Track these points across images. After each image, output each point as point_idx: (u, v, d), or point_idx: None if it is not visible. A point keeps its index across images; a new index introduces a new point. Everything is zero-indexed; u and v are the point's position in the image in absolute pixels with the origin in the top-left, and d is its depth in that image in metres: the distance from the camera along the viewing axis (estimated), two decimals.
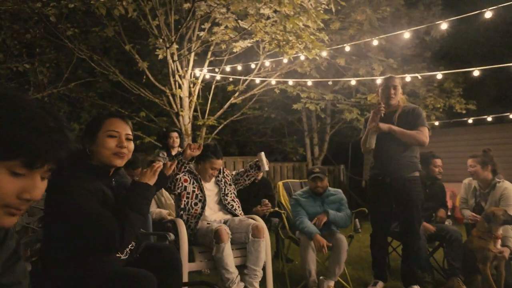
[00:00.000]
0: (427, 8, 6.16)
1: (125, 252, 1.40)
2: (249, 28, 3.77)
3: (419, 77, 3.67)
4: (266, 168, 2.50)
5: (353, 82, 4.31)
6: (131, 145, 1.42)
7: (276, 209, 2.89)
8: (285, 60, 4.31)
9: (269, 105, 7.15)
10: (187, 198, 2.38)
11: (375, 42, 3.36)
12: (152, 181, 1.44)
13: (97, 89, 6.22)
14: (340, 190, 2.93)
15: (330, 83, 4.44)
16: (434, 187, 2.99)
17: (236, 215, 2.46)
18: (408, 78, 4.03)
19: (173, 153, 3.77)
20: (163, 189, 3.19)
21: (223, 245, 2.09)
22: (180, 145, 3.87)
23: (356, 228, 2.75)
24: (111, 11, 5.09)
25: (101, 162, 1.35)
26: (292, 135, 8.67)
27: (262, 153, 2.54)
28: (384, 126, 2.42)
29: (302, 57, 3.99)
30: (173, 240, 1.93)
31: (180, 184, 2.38)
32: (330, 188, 2.91)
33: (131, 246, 1.43)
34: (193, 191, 2.39)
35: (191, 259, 2.15)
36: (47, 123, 0.63)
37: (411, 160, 2.47)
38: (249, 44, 3.86)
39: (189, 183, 2.41)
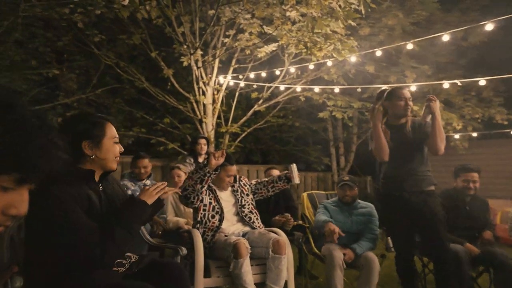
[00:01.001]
0: (464, 13, 5.79)
1: (123, 265, 1.29)
2: (274, 33, 3.66)
3: (459, 84, 3.38)
4: (297, 181, 2.34)
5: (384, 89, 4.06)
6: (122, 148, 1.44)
7: (300, 222, 2.70)
8: (311, 66, 4.15)
9: (293, 113, 6.99)
10: (204, 210, 2.25)
11: (410, 46, 3.12)
12: (151, 200, 1.37)
13: (124, 95, 6.34)
14: (372, 205, 2.71)
15: (359, 89, 4.21)
16: (475, 204, 2.68)
17: (254, 228, 2.30)
18: (446, 84, 3.73)
19: (200, 160, 3.71)
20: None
21: (242, 261, 1.94)
22: (207, 153, 3.81)
23: (389, 247, 2.49)
24: (136, 18, 5.22)
25: (102, 166, 1.35)
26: (317, 144, 8.43)
27: (294, 165, 2.38)
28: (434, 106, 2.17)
29: (329, 63, 3.81)
30: (185, 254, 1.79)
31: (199, 197, 2.26)
32: (360, 201, 2.70)
33: (132, 259, 1.33)
34: (210, 203, 2.27)
35: (206, 274, 2.00)
36: (43, 138, 0.62)
37: (425, 174, 2.29)
38: (274, 49, 3.74)
39: (206, 195, 2.29)
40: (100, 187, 1.36)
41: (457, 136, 6.10)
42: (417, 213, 2.21)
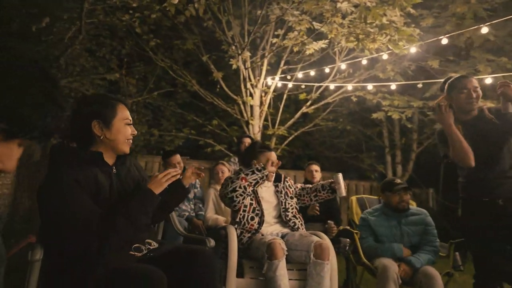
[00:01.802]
0: None
1: (141, 251, 1.23)
2: (323, 29, 3.47)
3: None
4: (343, 193, 2.09)
5: (446, 78, 3.55)
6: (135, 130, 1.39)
7: (347, 227, 2.43)
8: (364, 61, 3.83)
9: (344, 116, 6.61)
10: (244, 211, 2.11)
11: (484, 30, 2.64)
12: (159, 189, 1.29)
13: (177, 99, 6.66)
14: (425, 211, 2.33)
15: (419, 85, 3.75)
16: None
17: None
18: None
19: None
20: None
21: (277, 263, 1.76)
22: None
23: (457, 265, 2.09)
24: (190, 25, 5.45)
25: (112, 148, 1.29)
26: (371, 151, 7.85)
27: (340, 175, 2.14)
28: None
29: (385, 56, 3.47)
30: (213, 246, 1.68)
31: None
32: (411, 206, 2.35)
33: (152, 246, 1.25)
34: (251, 204, 2.12)
35: (240, 274, 1.87)
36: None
37: None
38: (323, 45, 3.54)
39: (248, 195, 2.15)
40: (114, 170, 1.30)
41: None
42: None
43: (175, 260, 1.22)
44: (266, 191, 2.21)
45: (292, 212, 2.18)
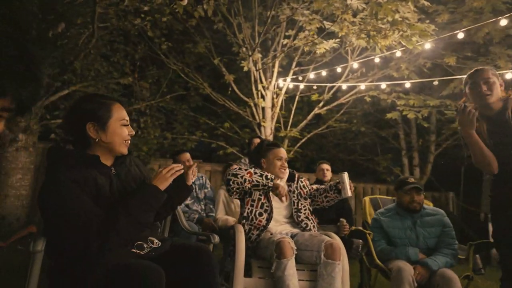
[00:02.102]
0: None
1: (143, 249, 1.21)
2: (335, 29, 3.42)
3: None
4: (349, 193, 1.99)
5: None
6: (133, 131, 1.33)
7: (360, 228, 2.34)
8: (377, 59, 3.74)
9: (358, 118, 6.48)
10: (251, 206, 2.07)
11: (503, 22, 2.52)
12: (164, 184, 1.25)
13: (190, 103, 6.72)
14: (441, 211, 2.21)
15: (435, 83, 3.61)
16: None
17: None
18: None
19: None
20: None
21: (285, 262, 1.71)
22: None
23: (478, 268, 1.97)
24: (202, 28, 5.50)
25: (110, 150, 1.25)
26: (386, 153, 7.65)
27: (345, 174, 2.04)
28: None
29: (398, 53, 3.38)
30: (217, 242, 1.65)
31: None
32: (426, 206, 2.23)
33: (155, 245, 1.23)
34: (259, 199, 2.08)
35: (248, 273, 1.82)
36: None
37: None
38: (334, 45, 3.48)
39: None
40: (113, 171, 1.26)
41: None
42: None
43: (174, 259, 1.20)
44: (282, 178, 2.16)
45: (304, 213, 2.12)
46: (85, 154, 1.21)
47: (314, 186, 2.30)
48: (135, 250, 1.19)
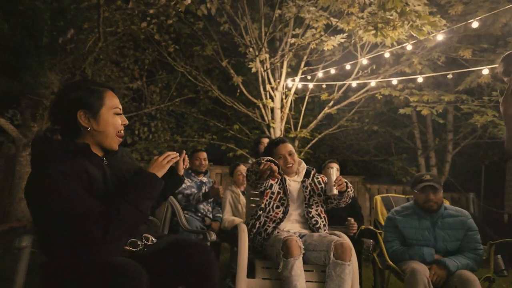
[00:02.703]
0: None
1: (137, 246, 1.15)
2: (342, 25, 3.33)
3: None
4: (333, 191, 1.83)
5: (485, 71, 3.21)
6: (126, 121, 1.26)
7: (370, 227, 2.22)
8: (387, 54, 3.62)
9: (371, 117, 6.32)
10: (270, 198, 2.01)
11: None
12: (161, 172, 1.20)
13: (200, 106, 6.75)
14: (466, 212, 2.06)
15: (450, 76, 3.44)
16: None
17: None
18: None
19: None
20: (241, 195, 2.97)
21: (293, 261, 1.63)
22: None
23: (500, 269, 1.82)
24: (210, 32, 5.52)
25: (101, 142, 1.18)
26: (401, 153, 7.42)
27: (333, 170, 1.87)
28: None
29: (409, 47, 3.25)
30: (214, 239, 1.58)
31: (267, 182, 2.02)
32: (447, 205, 2.09)
33: (149, 242, 1.17)
34: (279, 193, 2.01)
35: (251, 274, 1.75)
36: None
37: None
38: (342, 40, 3.39)
39: (276, 183, 2.05)
40: (105, 161, 1.20)
41: None
42: None
43: (171, 254, 1.13)
44: (293, 186, 2.08)
45: (316, 210, 2.03)
46: (74, 143, 1.15)
47: None
48: (128, 247, 1.14)
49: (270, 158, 1.96)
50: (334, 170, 1.88)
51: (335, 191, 1.85)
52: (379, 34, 2.76)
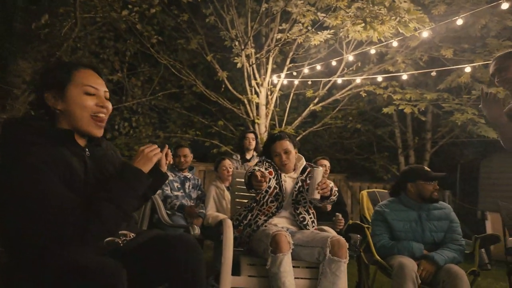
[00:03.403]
0: None
1: (115, 244, 1.06)
2: (329, 21, 3.31)
3: None
4: (314, 195, 1.70)
5: (467, 69, 3.29)
6: (110, 106, 1.10)
7: (357, 222, 2.20)
8: (373, 51, 3.64)
9: (354, 115, 6.40)
10: (266, 192, 1.95)
11: (505, 6, 2.41)
12: (147, 166, 1.09)
13: (184, 102, 6.60)
14: (449, 205, 2.09)
15: (433, 73, 3.50)
16: None
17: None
18: None
19: (248, 156, 3.49)
20: (225, 191, 2.89)
21: (281, 257, 1.57)
22: (256, 150, 3.58)
23: (483, 263, 1.85)
24: (195, 25, 5.38)
25: (75, 127, 1.05)
26: (382, 151, 7.57)
27: (318, 170, 1.72)
28: None
29: (395, 43, 3.28)
30: (198, 234, 1.51)
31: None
32: None
33: (128, 238, 1.08)
34: (275, 188, 1.96)
35: (237, 271, 1.68)
36: None
37: None
38: (329, 36, 3.37)
39: (273, 177, 1.98)
40: (87, 152, 1.08)
41: None
42: None
43: (153, 249, 1.03)
44: (288, 182, 2.03)
45: (304, 207, 1.98)
46: (55, 128, 1.03)
47: None
48: (105, 246, 1.03)
49: (260, 163, 1.87)
50: (320, 171, 1.75)
51: (317, 195, 1.72)
52: (368, 27, 2.75)
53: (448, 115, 4.45)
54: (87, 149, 1.09)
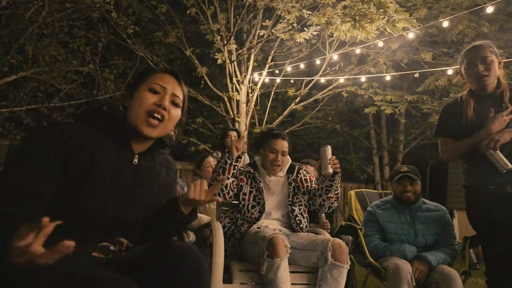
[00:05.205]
0: None
1: (109, 252, 0.90)
2: (315, 19, 3.26)
3: None
4: (328, 169, 1.73)
5: (449, 71, 3.40)
6: (176, 112, 1.01)
7: (350, 223, 2.15)
8: (358, 51, 3.64)
9: (333, 116, 6.47)
10: (243, 200, 1.85)
11: (490, 10, 2.48)
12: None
13: None
14: (443, 207, 2.08)
15: (416, 75, 3.58)
16: None
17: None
18: None
19: None
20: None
21: (279, 261, 1.46)
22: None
23: (473, 263, 1.85)
24: (173, 18, 5.15)
25: (131, 125, 0.96)
26: (358, 152, 7.73)
27: (327, 148, 1.78)
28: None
29: (381, 44, 3.29)
30: (193, 241, 1.37)
31: (235, 186, 1.86)
32: (427, 201, 2.10)
33: (123, 246, 0.93)
34: (251, 192, 1.85)
35: (227, 279, 1.54)
36: None
37: None
38: (314, 33, 3.32)
39: (246, 183, 1.88)
40: (135, 161, 0.97)
41: None
42: None
43: (154, 263, 0.87)
44: (274, 182, 1.91)
45: (300, 209, 1.88)
46: (121, 121, 0.96)
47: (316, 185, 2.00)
48: (96, 254, 0.88)
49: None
50: (329, 148, 1.78)
51: (330, 170, 1.72)
52: (357, 25, 2.72)
53: (426, 117, 4.59)
54: (136, 156, 0.98)
